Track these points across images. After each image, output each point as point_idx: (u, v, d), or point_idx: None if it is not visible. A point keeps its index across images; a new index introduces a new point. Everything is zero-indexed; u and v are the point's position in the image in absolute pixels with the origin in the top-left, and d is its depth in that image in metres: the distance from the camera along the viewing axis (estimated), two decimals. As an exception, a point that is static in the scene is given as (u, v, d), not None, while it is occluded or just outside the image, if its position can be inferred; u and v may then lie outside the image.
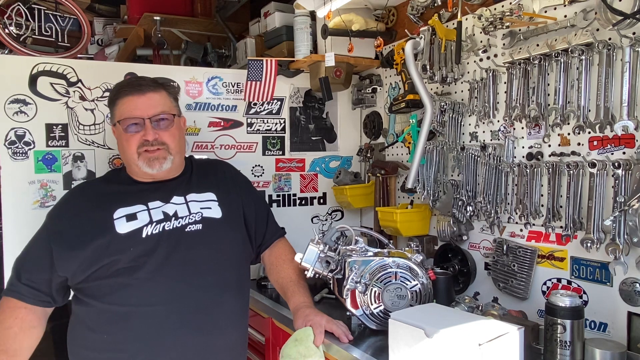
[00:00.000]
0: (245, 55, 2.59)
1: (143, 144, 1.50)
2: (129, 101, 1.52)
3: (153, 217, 1.50)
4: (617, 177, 1.35)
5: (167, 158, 1.54)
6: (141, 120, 1.50)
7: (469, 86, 1.83)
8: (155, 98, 1.54)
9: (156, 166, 1.52)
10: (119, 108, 1.54)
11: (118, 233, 1.45)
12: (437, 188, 1.93)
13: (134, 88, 1.53)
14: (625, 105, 1.34)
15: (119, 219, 1.47)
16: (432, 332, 1.15)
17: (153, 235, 1.46)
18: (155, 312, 1.42)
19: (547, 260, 1.61)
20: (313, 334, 1.45)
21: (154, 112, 1.52)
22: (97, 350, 1.44)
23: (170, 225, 1.50)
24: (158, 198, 1.55)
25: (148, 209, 1.51)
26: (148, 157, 1.51)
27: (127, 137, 1.51)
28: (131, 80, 1.59)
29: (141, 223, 1.47)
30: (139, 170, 1.54)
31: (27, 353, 1.46)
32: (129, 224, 1.46)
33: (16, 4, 2.30)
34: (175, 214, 1.52)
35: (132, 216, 1.48)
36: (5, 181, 1.85)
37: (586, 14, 1.43)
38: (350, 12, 2.09)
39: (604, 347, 1.26)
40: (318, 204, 2.46)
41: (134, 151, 1.51)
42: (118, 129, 1.55)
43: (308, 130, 2.43)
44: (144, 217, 1.49)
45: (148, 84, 1.55)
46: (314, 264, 1.60)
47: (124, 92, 1.54)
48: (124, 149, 1.54)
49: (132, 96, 1.52)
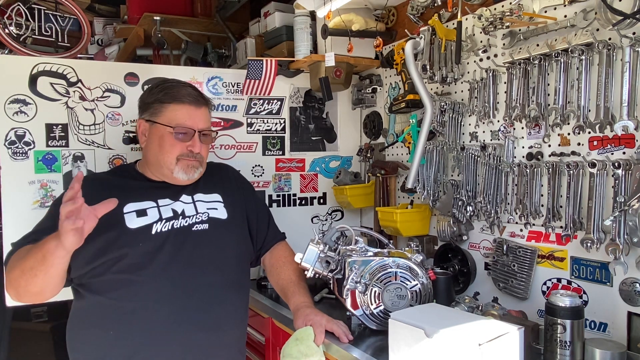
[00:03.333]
0: (245, 55, 2.59)
1: (187, 154, 1.55)
2: (186, 110, 1.56)
3: (163, 215, 1.52)
4: (617, 177, 1.35)
5: (199, 169, 1.60)
6: (192, 131, 1.56)
7: (469, 86, 1.83)
8: (206, 113, 1.62)
9: (190, 174, 1.58)
10: (171, 112, 1.56)
11: (128, 227, 1.47)
12: (437, 188, 1.93)
13: (193, 99, 1.58)
14: (625, 105, 1.34)
15: (129, 213, 1.49)
16: (432, 332, 1.15)
17: (162, 232, 1.49)
18: (161, 308, 1.44)
19: (547, 260, 1.61)
20: (313, 333, 1.46)
21: (204, 126, 1.60)
22: (101, 346, 1.44)
23: (178, 223, 1.53)
24: (167, 196, 1.58)
25: (158, 206, 1.54)
26: (187, 164, 1.56)
27: (172, 143, 1.55)
28: (185, 88, 1.60)
29: (151, 219, 1.50)
30: (169, 174, 1.57)
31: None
32: (139, 219, 1.49)
33: (16, 4, 2.30)
34: (183, 213, 1.56)
35: (142, 212, 1.51)
36: (5, 181, 1.85)
37: (586, 14, 1.43)
38: (350, 12, 2.09)
39: (604, 347, 1.26)
40: (318, 204, 2.46)
41: (174, 157, 1.55)
42: (160, 130, 1.56)
43: (308, 130, 2.43)
44: (154, 213, 1.52)
45: (203, 99, 1.62)
46: (314, 264, 1.60)
47: (182, 99, 1.56)
48: (164, 151, 1.55)
49: (190, 106, 1.57)
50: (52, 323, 3.62)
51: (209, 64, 3.01)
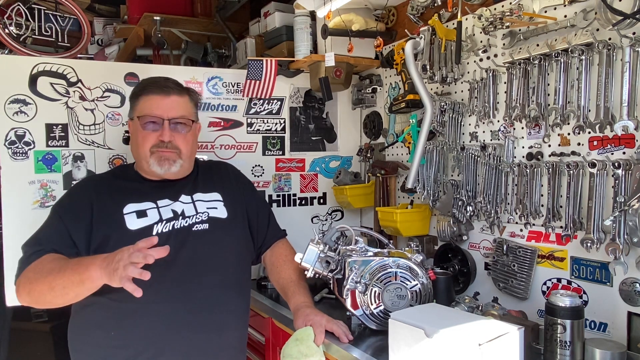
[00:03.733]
0: (245, 55, 2.58)
1: (158, 144, 1.54)
2: (152, 100, 1.55)
3: (163, 215, 1.53)
4: (617, 177, 1.35)
5: (177, 161, 1.57)
6: (160, 120, 1.54)
7: (469, 86, 1.83)
8: (178, 101, 1.58)
9: (165, 166, 1.55)
10: (141, 104, 1.56)
11: (128, 229, 1.47)
12: (437, 188, 1.93)
13: (160, 88, 1.56)
14: (625, 105, 1.34)
15: (129, 214, 1.50)
16: (432, 332, 1.15)
17: (163, 233, 1.49)
18: (163, 309, 1.44)
19: (547, 260, 1.61)
20: (313, 333, 1.46)
21: (174, 114, 1.56)
22: (103, 346, 1.44)
23: (178, 224, 1.53)
24: (166, 196, 1.57)
25: (157, 207, 1.54)
26: (159, 156, 1.54)
27: (143, 134, 1.54)
28: (158, 79, 1.60)
29: (151, 220, 1.50)
30: (148, 168, 1.57)
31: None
32: (139, 220, 1.49)
33: (16, 4, 2.30)
34: (183, 213, 1.56)
35: (142, 213, 1.51)
36: (5, 181, 1.85)
37: (586, 14, 1.43)
38: (350, 12, 2.09)
39: (604, 347, 1.26)
40: (318, 204, 2.46)
41: (147, 149, 1.54)
42: (135, 124, 1.57)
43: (308, 130, 2.43)
44: (154, 214, 1.52)
45: (174, 87, 1.59)
46: (314, 264, 1.60)
47: (149, 89, 1.56)
48: (138, 145, 1.56)
49: (156, 95, 1.55)
50: (52, 323, 3.61)
51: (209, 64, 3.01)
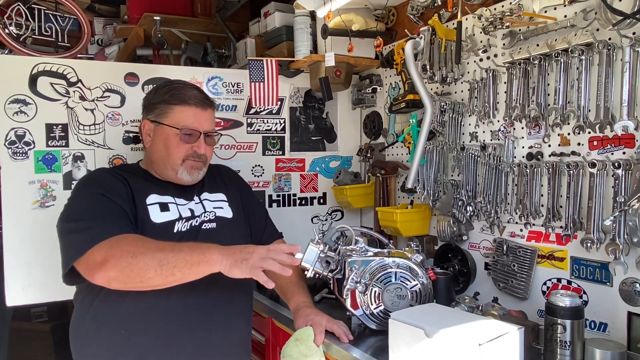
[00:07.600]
0: (245, 55, 2.58)
1: (192, 155, 1.57)
2: (192, 112, 1.57)
3: (182, 214, 1.54)
4: (617, 177, 1.35)
5: (202, 169, 1.62)
6: (197, 133, 1.57)
7: (469, 86, 1.83)
8: (211, 115, 1.64)
9: (194, 175, 1.59)
10: (177, 114, 1.56)
11: (152, 221, 1.48)
12: (437, 188, 1.93)
13: (199, 101, 1.59)
14: (625, 105, 1.34)
15: (152, 205, 1.51)
16: (432, 332, 1.15)
17: (182, 232, 1.51)
18: (174, 307, 1.44)
19: (547, 260, 1.61)
20: (314, 333, 1.46)
21: (209, 128, 1.61)
22: (112, 345, 1.43)
23: (194, 222, 1.55)
24: (181, 196, 1.60)
25: (176, 203, 1.56)
26: (192, 165, 1.58)
27: (178, 144, 1.56)
28: (193, 91, 1.61)
29: (173, 216, 1.52)
30: (173, 175, 1.58)
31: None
32: (162, 214, 1.51)
33: (16, 4, 2.30)
34: (193, 212, 1.58)
35: (164, 206, 1.53)
36: (5, 181, 1.85)
37: (586, 14, 1.43)
38: (350, 12, 2.09)
39: (604, 347, 1.26)
40: (318, 204, 2.46)
41: (180, 158, 1.56)
42: (166, 131, 1.56)
43: (308, 130, 2.43)
44: (175, 210, 1.54)
45: (209, 101, 1.63)
46: (314, 264, 1.59)
47: (190, 102, 1.57)
48: (169, 152, 1.56)
49: (197, 108, 1.58)
50: (52, 323, 3.61)
51: (209, 64, 3.01)
